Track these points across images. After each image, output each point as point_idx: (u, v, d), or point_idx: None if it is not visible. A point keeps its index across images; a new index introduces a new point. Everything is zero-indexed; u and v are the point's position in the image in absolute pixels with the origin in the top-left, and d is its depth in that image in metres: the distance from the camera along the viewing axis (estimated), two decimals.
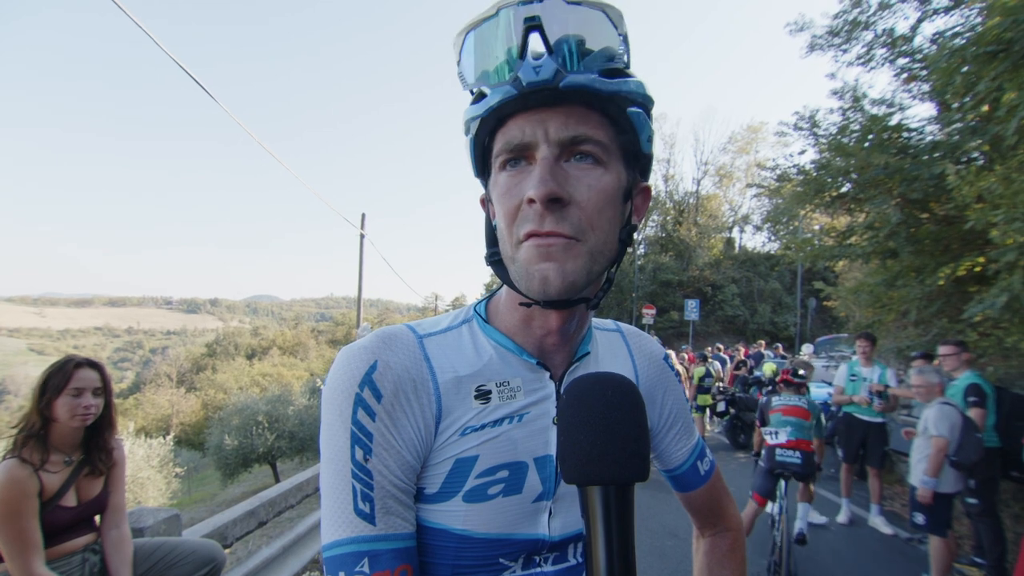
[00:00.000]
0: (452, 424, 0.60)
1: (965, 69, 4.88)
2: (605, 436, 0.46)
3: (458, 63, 0.59)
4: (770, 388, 6.25)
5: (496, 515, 0.60)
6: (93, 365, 1.86)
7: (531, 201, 0.53)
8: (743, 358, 12.31)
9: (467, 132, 0.60)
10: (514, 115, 0.55)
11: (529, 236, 0.54)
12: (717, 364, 10.65)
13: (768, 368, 9.01)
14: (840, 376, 5.41)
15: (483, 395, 0.62)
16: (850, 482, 5.16)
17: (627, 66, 0.56)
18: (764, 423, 3.76)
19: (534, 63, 0.52)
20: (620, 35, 0.55)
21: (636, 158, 0.60)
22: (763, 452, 3.62)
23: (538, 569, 0.63)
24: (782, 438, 3.39)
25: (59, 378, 1.76)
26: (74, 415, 1.76)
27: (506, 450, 0.61)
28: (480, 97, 0.56)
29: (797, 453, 3.30)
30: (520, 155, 0.56)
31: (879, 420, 5.02)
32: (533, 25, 0.52)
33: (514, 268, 0.57)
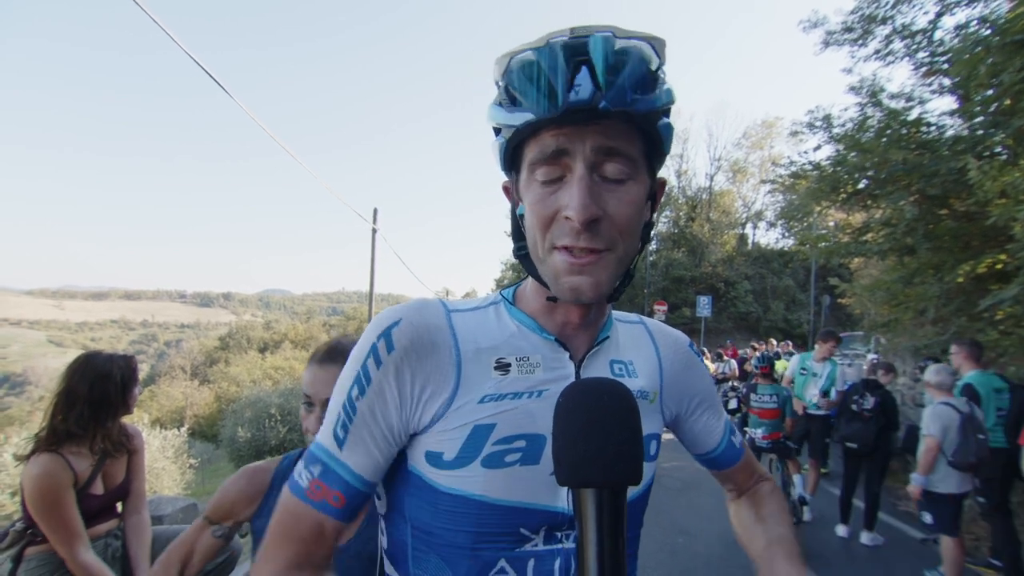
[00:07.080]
0: (470, 391, 0.62)
1: (990, 60, 4.78)
2: (599, 439, 0.46)
3: (497, 82, 0.60)
4: (755, 374, 6.50)
5: (514, 483, 0.61)
6: None
7: (568, 218, 0.55)
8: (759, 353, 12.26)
9: (497, 133, 0.61)
10: (549, 127, 0.56)
11: (564, 248, 0.57)
12: (733, 363, 10.68)
13: (780, 365, 8.95)
14: (792, 366, 5.76)
15: (502, 367, 0.64)
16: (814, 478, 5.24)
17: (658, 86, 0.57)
18: (746, 403, 5.01)
19: (575, 84, 0.53)
20: (659, 62, 0.57)
21: (659, 159, 0.63)
22: (747, 439, 4.67)
23: (559, 545, 0.64)
24: (760, 434, 4.75)
25: (129, 372, 1.88)
26: (135, 404, 1.92)
27: (524, 421, 0.63)
28: (513, 101, 0.57)
29: (769, 442, 4.71)
30: (555, 162, 0.57)
31: (822, 413, 5.29)
32: (582, 61, 0.53)
33: (543, 268, 0.61)
